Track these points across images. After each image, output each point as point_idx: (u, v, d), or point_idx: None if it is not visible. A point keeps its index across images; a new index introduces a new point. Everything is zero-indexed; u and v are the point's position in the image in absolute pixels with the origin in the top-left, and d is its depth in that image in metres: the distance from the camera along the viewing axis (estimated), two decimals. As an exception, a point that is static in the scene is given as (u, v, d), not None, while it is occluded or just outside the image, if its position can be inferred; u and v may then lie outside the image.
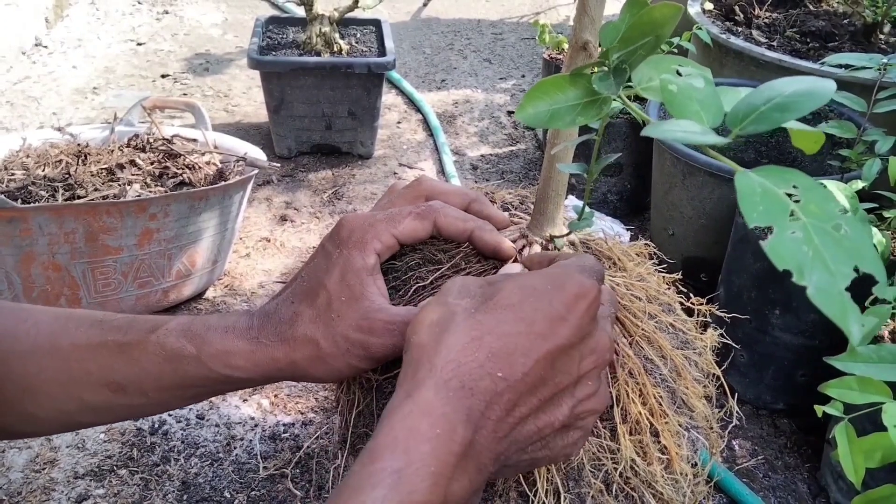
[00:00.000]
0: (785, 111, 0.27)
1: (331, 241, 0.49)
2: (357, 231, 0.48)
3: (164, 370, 0.47)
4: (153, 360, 0.47)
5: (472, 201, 0.55)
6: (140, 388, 0.48)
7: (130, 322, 0.49)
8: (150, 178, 1.21)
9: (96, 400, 0.48)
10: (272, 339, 0.47)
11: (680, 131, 0.28)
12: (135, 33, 2.45)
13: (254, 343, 0.47)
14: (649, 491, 0.50)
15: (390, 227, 0.49)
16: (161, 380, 0.48)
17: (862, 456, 0.58)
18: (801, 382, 1.08)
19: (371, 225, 0.49)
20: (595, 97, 0.34)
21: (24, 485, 0.92)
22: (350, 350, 0.47)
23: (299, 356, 0.47)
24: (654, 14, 0.32)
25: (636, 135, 1.48)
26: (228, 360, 0.47)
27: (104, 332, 0.48)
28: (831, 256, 0.23)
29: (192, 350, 0.47)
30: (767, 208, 0.24)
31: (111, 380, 0.48)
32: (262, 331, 0.47)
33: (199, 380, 0.48)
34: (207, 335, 0.47)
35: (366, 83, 1.66)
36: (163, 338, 0.47)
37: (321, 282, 0.47)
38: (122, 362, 0.47)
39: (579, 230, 0.54)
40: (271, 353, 0.47)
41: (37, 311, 0.50)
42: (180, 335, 0.47)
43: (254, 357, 0.47)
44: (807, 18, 1.65)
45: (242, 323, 0.48)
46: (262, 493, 0.93)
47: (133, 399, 0.48)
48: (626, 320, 0.54)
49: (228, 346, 0.47)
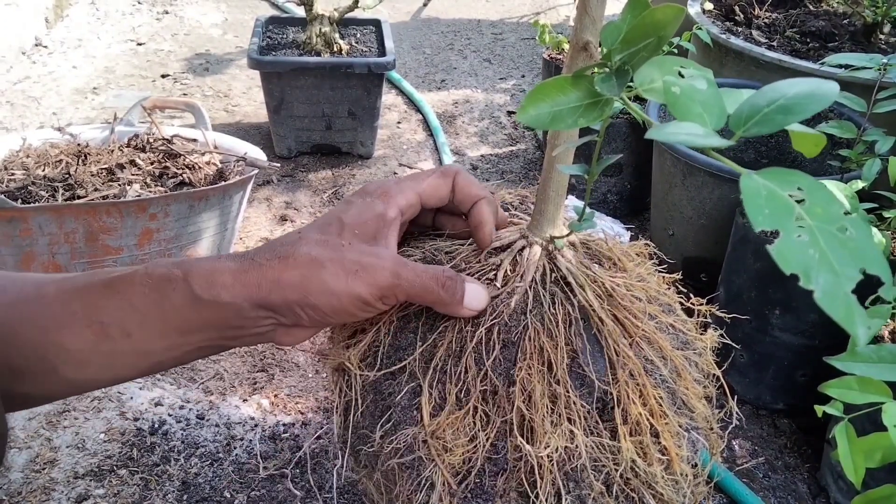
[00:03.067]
0: (788, 113, 0.27)
1: (355, 194, 0.51)
2: (383, 185, 0.51)
3: (149, 302, 0.44)
4: (139, 292, 0.45)
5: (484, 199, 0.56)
6: (123, 327, 0.45)
7: (121, 268, 0.47)
8: (150, 178, 1.21)
9: (78, 345, 0.45)
10: (267, 257, 0.45)
11: (683, 134, 0.28)
12: (135, 33, 2.45)
13: (246, 262, 0.45)
14: (650, 492, 0.50)
15: (415, 185, 0.52)
16: (146, 315, 0.45)
17: (862, 456, 0.58)
18: (801, 382, 1.08)
19: (396, 182, 0.51)
20: (597, 99, 0.34)
21: (24, 485, 0.92)
22: (358, 273, 0.45)
23: (295, 275, 0.44)
24: (656, 15, 0.31)
25: (636, 135, 1.48)
26: (215, 278, 0.44)
27: (92, 275, 0.46)
28: (837, 259, 0.23)
29: (178, 273, 0.44)
30: (773, 211, 0.24)
31: (94, 320, 0.45)
32: (258, 252, 0.45)
33: (184, 311, 0.45)
34: (198, 262, 0.45)
35: (366, 83, 1.66)
36: (152, 268, 0.45)
37: (336, 215, 0.48)
38: (107, 298, 0.45)
39: (580, 231, 0.54)
40: (263, 273, 0.44)
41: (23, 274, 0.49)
42: (170, 264, 0.45)
43: (243, 277, 0.44)
44: (807, 18, 1.65)
45: (237, 253, 0.46)
46: (262, 493, 0.93)
47: (116, 344, 0.45)
48: (627, 321, 0.54)
49: (217, 266, 0.45)
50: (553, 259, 0.55)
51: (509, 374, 0.51)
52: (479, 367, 0.51)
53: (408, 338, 0.54)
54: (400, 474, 0.52)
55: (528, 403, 0.49)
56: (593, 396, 0.51)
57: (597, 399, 0.51)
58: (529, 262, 0.55)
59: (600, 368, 0.52)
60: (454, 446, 0.49)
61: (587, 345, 0.52)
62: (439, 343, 0.53)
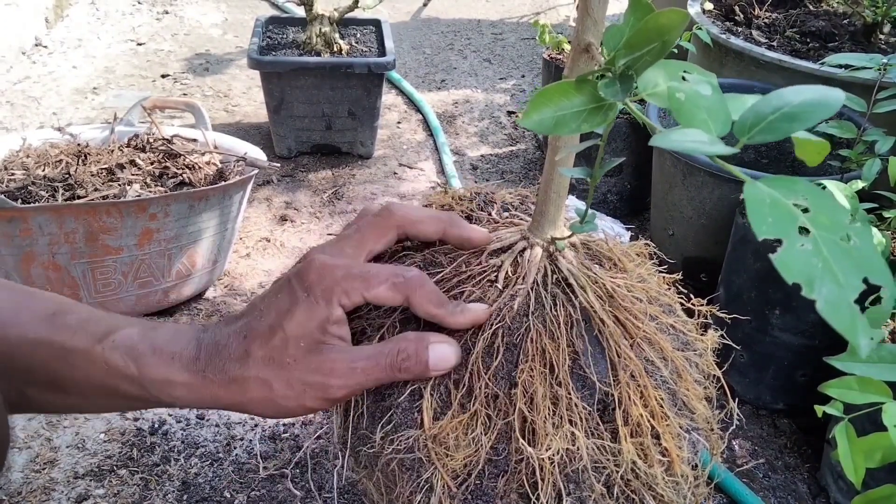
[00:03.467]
0: (793, 121, 0.27)
1: (298, 280, 0.47)
2: (327, 280, 0.46)
3: (105, 382, 0.46)
4: (96, 371, 0.46)
5: (447, 226, 0.53)
6: (81, 392, 0.47)
7: (83, 323, 0.47)
8: (150, 178, 1.21)
9: (39, 396, 0.47)
10: (218, 375, 0.46)
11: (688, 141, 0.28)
12: (135, 33, 2.45)
13: (198, 376, 0.46)
14: (650, 493, 0.50)
15: (363, 288, 0.47)
16: (103, 389, 0.47)
17: (862, 456, 0.58)
18: (801, 382, 1.09)
19: (343, 278, 0.46)
20: (600, 103, 0.34)
21: (24, 485, 0.92)
22: (307, 392, 0.46)
23: (247, 398, 0.46)
24: (660, 20, 0.31)
25: (636, 135, 1.48)
26: (170, 391, 0.46)
27: (54, 329, 0.46)
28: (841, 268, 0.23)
29: (133, 371, 0.45)
30: (777, 219, 0.24)
31: (52, 380, 0.46)
32: (208, 364, 0.46)
33: (140, 399, 0.47)
34: (151, 360, 0.45)
35: (366, 83, 1.66)
36: (108, 352, 0.46)
37: (280, 323, 0.46)
38: (65, 367, 0.46)
39: (581, 233, 0.54)
40: (215, 392, 0.46)
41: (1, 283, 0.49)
42: (125, 353, 0.46)
43: (197, 391, 0.46)
44: (807, 18, 1.65)
45: (189, 352, 0.46)
46: (262, 493, 0.93)
47: (74, 400, 0.48)
48: (628, 322, 0.54)
49: (171, 376, 0.45)
50: (554, 260, 0.55)
51: (511, 376, 0.51)
52: (484, 370, 0.51)
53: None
54: (400, 475, 0.52)
55: (530, 405, 0.49)
56: (594, 398, 0.51)
57: (598, 400, 0.51)
58: (531, 263, 0.55)
59: (602, 370, 0.52)
60: (456, 450, 0.49)
61: (588, 346, 0.52)
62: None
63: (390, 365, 0.47)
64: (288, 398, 0.46)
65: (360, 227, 0.51)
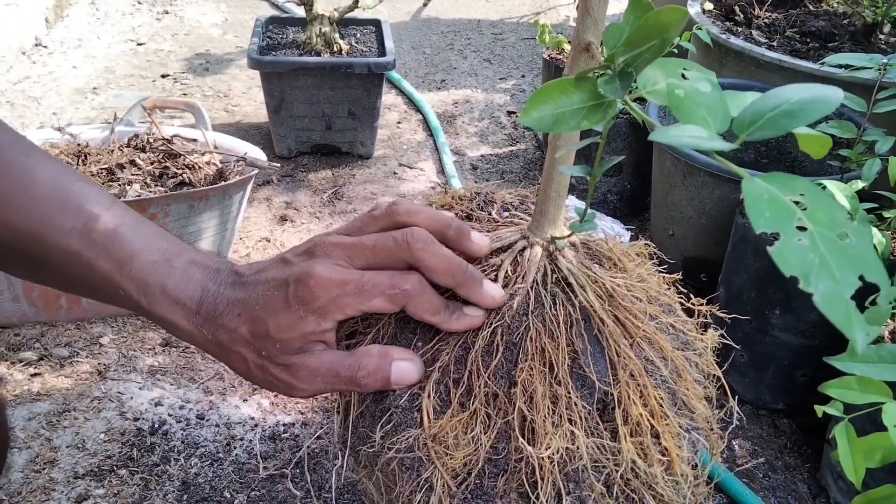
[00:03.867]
0: (792, 118, 0.27)
1: (295, 289, 0.48)
2: (322, 297, 0.48)
3: (122, 302, 0.52)
4: (113, 292, 0.51)
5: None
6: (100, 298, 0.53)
7: (107, 242, 0.51)
8: (150, 178, 1.21)
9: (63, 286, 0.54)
10: (210, 336, 0.50)
11: (687, 137, 0.28)
12: (135, 33, 2.45)
13: (195, 329, 0.51)
14: (650, 493, 0.50)
15: (358, 302, 0.48)
16: (120, 305, 0.52)
17: (862, 456, 0.58)
18: (801, 382, 1.09)
19: (339, 296, 0.48)
20: (600, 101, 0.34)
21: (24, 485, 0.92)
22: (274, 384, 0.50)
23: (229, 364, 0.52)
24: (660, 17, 0.31)
25: (636, 135, 1.48)
26: (171, 330, 0.52)
27: (83, 244, 0.50)
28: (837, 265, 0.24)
29: (145, 306, 0.51)
30: (774, 214, 0.24)
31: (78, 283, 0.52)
32: (205, 322, 0.50)
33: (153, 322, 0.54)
34: (160, 300, 0.50)
35: (366, 83, 1.66)
36: (125, 281, 0.50)
37: (268, 317, 0.49)
38: (89, 280, 0.51)
39: (581, 232, 0.54)
40: (206, 346, 0.51)
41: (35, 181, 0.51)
42: (138, 287, 0.50)
43: (192, 339, 0.51)
44: (807, 18, 1.65)
45: (192, 304, 0.50)
46: (262, 493, 0.93)
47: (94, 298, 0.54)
48: (627, 321, 0.54)
49: (174, 320, 0.51)
50: (554, 260, 0.55)
51: (511, 375, 0.51)
52: (483, 369, 0.51)
53: (408, 338, 0.54)
54: (400, 474, 0.52)
55: (530, 404, 0.49)
56: (594, 397, 0.51)
57: (597, 400, 0.51)
58: (530, 262, 0.55)
59: (601, 369, 0.52)
60: (456, 449, 0.49)
61: (588, 345, 0.52)
62: (443, 345, 0.53)
63: (349, 378, 0.50)
64: (260, 381, 0.51)
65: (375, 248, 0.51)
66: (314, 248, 0.51)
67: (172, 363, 1.13)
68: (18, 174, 0.50)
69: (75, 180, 0.52)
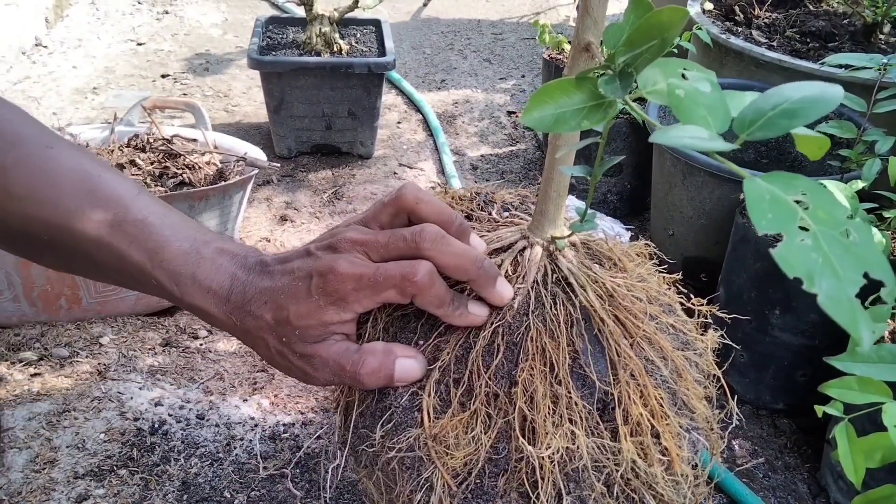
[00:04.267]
0: (793, 117, 0.27)
1: (318, 281, 0.50)
2: (340, 291, 0.50)
3: (153, 291, 0.53)
4: (145, 281, 0.53)
5: (471, 281, 0.52)
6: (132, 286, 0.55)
7: (139, 233, 0.52)
8: (150, 178, 1.21)
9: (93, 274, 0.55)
10: (238, 322, 0.52)
11: (688, 137, 0.28)
12: (135, 33, 2.45)
13: (225, 316, 0.53)
14: (650, 492, 0.50)
15: (373, 294, 0.50)
16: (152, 292, 0.54)
17: (862, 456, 0.58)
18: (801, 382, 1.09)
19: (355, 290, 0.50)
20: (600, 101, 0.34)
21: (24, 485, 0.92)
22: (292, 370, 0.53)
23: (256, 350, 0.54)
24: (660, 17, 0.31)
25: (636, 135, 1.48)
26: (203, 317, 0.54)
27: (113, 234, 0.51)
28: (840, 263, 0.23)
29: (177, 294, 0.52)
30: (776, 215, 0.24)
31: (109, 273, 0.54)
32: (234, 309, 0.52)
33: (185, 309, 0.55)
34: (192, 289, 0.52)
35: (366, 83, 1.66)
36: (157, 271, 0.52)
37: (290, 305, 0.50)
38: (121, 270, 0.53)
39: (581, 232, 0.54)
40: (236, 332, 0.53)
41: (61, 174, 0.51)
42: (170, 277, 0.52)
43: (223, 325, 0.54)
44: (807, 18, 1.65)
45: (223, 292, 0.52)
46: (262, 493, 0.93)
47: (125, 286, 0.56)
48: (627, 321, 0.54)
49: (205, 307, 0.53)
50: (554, 259, 0.55)
51: (511, 374, 0.51)
52: (484, 369, 0.51)
53: (408, 337, 0.54)
54: (400, 474, 0.52)
55: (530, 404, 0.49)
56: (594, 397, 0.51)
57: (598, 400, 0.51)
58: (531, 262, 0.55)
59: (601, 369, 0.52)
60: (456, 449, 0.49)
61: (588, 345, 0.52)
62: (444, 344, 0.53)
63: (352, 374, 0.51)
64: (281, 366, 0.53)
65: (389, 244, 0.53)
66: (336, 243, 0.52)
67: (172, 363, 1.13)
68: (43, 166, 0.51)
69: (101, 170, 0.53)
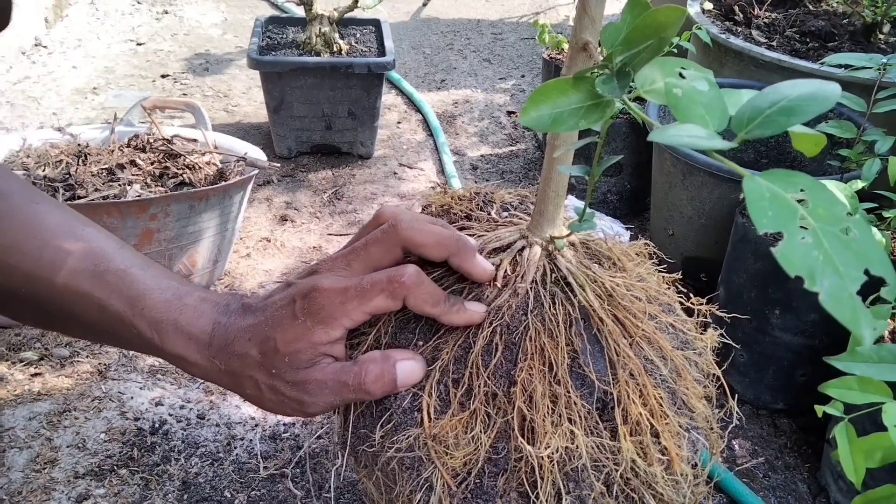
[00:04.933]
0: (790, 115, 0.27)
1: (301, 303, 0.49)
2: (327, 307, 0.49)
3: (133, 341, 0.53)
4: (125, 331, 0.52)
5: (451, 255, 0.52)
6: (111, 341, 0.55)
7: (119, 282, 0.52)
8: (150, 178, 1.21)
9: (73, 331, 0.56)
10: (223, 365, 0.51)
11: (685, 136, 0.28)
12: (135, 33, 2.45)
13: (208, 361, 0.51)
14: (650, 492, 0.50)
15: (361, 305, 0.49)
16: (131, 344, 0.54)
17: (862, 456, 0.58)
18: (801, 382, 1.08)
19: (342, 303, 0.49)
20: (598, 100, 0.34)
21: (24, 485, 0.92)
22: (286, 402, 0.51)
23: (243, 392, 0.52)
24: (658, 17, 0.31)
25: (636, 135, 1.48)
26: (184, 366, 0.52)
27: (95, 284, 0.51)
28: (841, 260, 0.23)
29: (157, 343, 0.52)
30: (776, 213, 0.24)
31: (89, 326, 0.53)
32: (217, 353, 0.51)
33: (162, 359, 0.54)
34: (172, 336, 0.51)
35: (366, 83, 1.66)
36: (137, 319, 0.51)
37: (276, 333, 0.50)
38: (101, 321, 0.52)
39: (580, 231, 0.54)
40: (219, 377, 0.52)
41: (45, 227, 0.52)
42: (151, 325, 0.51)
43: (205, 373, 0.52)
44: (806, 18, 1.65)
45: (204, 338, 0.51)
46: (262, 493, 0.93)
47: (105, 342, 0.57)
48: (627, 321, 0.54)
49: (187, 355, 0.52)
50: (553, 259, 0.55)
51: (510, 374, 0.51)
52: (483, 368, 0.51)
53: (408, 338, 0.54)
54: (400, 474, 0.52)
55: (529, 404, 0.49)
56: (594, 396, 0.51)
57: (597, 399, 0.51)
58: (530, 262, 0.55)
59: (600, 368, 0.52)
60: (456, 449, 0.49)
61: (587, 345, 0.52)
62: (443, 345, 0.53)
63: (357, 386, 0.50)
64: (272, 404, 0.52)
65: (367, 243, 0.52)
66: (316, 266, 0.52)
67: (172, 363, 1.14)
68: (28, 220, 0.52)
69: (83, 225, 0.54)
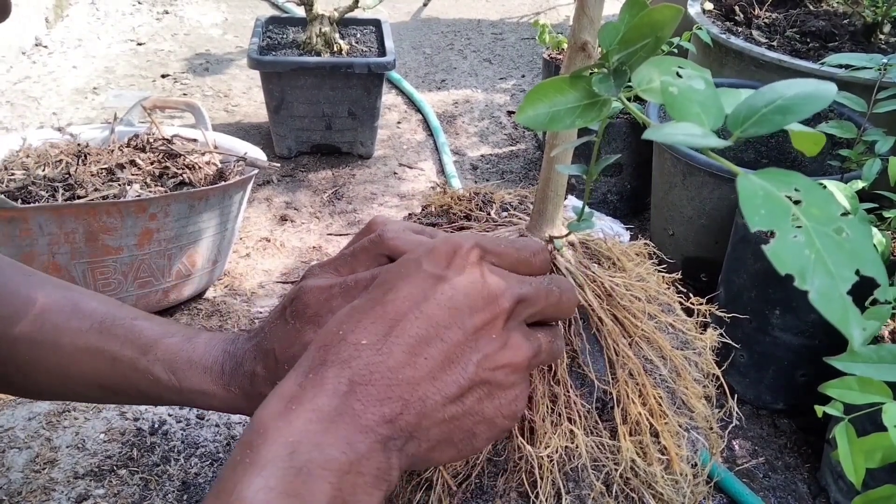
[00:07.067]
0: (786, 114, 0.27)
1: (291, 308, 0.50)
2: (313, 306, 0.49)
3: (149, 389, 0.52)
4: (141, 379, 0.52)
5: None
6: (128, 394, 0.54)
7: (128, 333, 0.53)
8: (150, 178, 1.21)
9: (88, 393, 0.55)
10: (238, 390, 0.51)
11: (681, 134, 0.28)
12: (135, 33, 2.45)
13: (224, 390, 0.52)
14: (649, 492, 0.50)
15: (346, 301, 0.49)
16: (147, 394, 0.53)
17: (862, 456, 0.57)
18: (801, 382, 1.08)
19: (327, 300, 0.49)
20: (595, 99, 0.34)
21: (24, 485, 0.92)
22: None
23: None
24: (654, 16, 0.31)
25: (636, 135, 1.48)
26: (205, 400, 0.52)
27: (102, 339, 0.52)
28: (833, 260, 0.23)
29: (175, 383, 0.52)
30: (769, 211, 0.24)
31: (103, 383, 0.53)
32: (231, 379, 0.52)
33: (182, 403, 0.53)
34: (189, 374, 0.52)
35: (366, 83, 1.66)
36: (152, 364, 0.52)
37: (273, 345, 0.50)
38: (114, 374, 0.52)
39: (578, 231, 0.54)
40: (238, 403, 0.52)
41: (42, 294, 0.53)
42: (166, 367, 0.51)
43: (225, 402, 0.52)
44: (807, 18, 1.65)
45: (218, 367, 0.52)
46: (263, 493, 0.93)
47: (121, 398, 0.55)
48: (626, 320, 0.54)
49: (205, 388, 0.52)
50: (552, 259, 0.55)
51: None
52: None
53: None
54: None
55: (529, 404, 0.49)
56: (593, 396, 0.51)
57: (596, 399, 0.51)
58: (529, 262, 0.55)
59: (600, 368, 0.52)
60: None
61: (587, 345, 0.52)
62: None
63: None
64: None
65: (355, 251, 0.52)
66: (306, 273, 0.52)
67: (172, 363, 1.14)
68: (25, 291, 0.53)
69: (81, 294, 0.55)
